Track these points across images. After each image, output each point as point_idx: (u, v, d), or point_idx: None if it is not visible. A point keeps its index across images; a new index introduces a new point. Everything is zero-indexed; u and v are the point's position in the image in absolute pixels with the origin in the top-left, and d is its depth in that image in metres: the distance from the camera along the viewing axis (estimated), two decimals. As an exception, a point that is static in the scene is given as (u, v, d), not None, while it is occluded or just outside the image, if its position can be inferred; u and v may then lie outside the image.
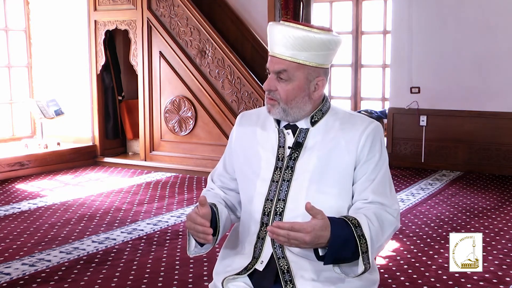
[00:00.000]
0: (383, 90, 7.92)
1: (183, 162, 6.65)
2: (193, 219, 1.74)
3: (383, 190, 1.79)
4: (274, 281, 1.80)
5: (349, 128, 1.81)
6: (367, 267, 1.65)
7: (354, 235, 1.63)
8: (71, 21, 7.24)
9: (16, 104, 7.56)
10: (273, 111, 1.82)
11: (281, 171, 1.82)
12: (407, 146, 6.81)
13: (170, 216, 4.82)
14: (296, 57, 1.75)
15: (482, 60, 6.37)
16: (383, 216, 1.74)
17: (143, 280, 3.40)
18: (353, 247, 1.64)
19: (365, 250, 1.64)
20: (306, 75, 1.78)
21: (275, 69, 1.78)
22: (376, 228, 1.69)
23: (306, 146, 1.82)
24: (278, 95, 1.79)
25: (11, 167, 6.35)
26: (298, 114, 1.81)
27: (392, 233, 1.79)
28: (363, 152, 1.78)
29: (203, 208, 1.75)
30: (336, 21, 8.18)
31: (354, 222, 1.66)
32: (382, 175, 1.80)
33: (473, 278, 3.36)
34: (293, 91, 1.78)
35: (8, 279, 3.43)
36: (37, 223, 4.61)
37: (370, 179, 1.78)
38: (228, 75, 6.39)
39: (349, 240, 1.63)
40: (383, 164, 1.81)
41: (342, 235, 1.62)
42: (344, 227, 1.64)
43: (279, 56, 1.77)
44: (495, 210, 4.90)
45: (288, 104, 1.79)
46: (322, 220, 1.60)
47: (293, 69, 1.76)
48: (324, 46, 1.76)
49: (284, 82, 1.78)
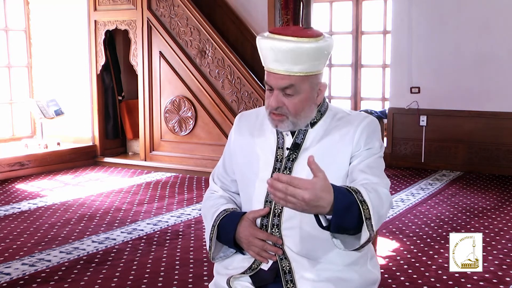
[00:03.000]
0: (383, 90, 7.91)
1: (183, 162, 6.65)
2: (258, 235, 1.77)
3: (378, 172, 1.76)
4: (274, 279, 1.79)
5: (344, 125, 1.81)
6: (372, 234, 1.58)
7: (356, 200, 1.56)
8: (71, 21, 7.24)
9: (16, 104, 7.56)
10: (281, 125, 1.78)
11: (279, 172, 1.81)
12: (407, 146, 6.81)
13: (170, 216, 4.82)
14: (293, 71, 1.70)
15: (482, 60, 6.37)
16: (379, 189, 1.69)
17: (143, 280, 3.40)
18: (357, 213, 1.56)
19: (368, 216, 1.57)
20: (310, 84, 1.75)
21: (280, 85, 1.73)
22: (375, 196, 1.63)
23: (304, 147, 1.81)
24: (287, 110, 1.75)
25: (11, 167, 6.35)
26: (305, 122, 1.80)
27: (389, 207, 1.73)
28: (359, 144, 1.77)
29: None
30: (336, 21, 8.17)
31: (354, 188, 1.60)
32: (375, 158, 1.77)
33: (473, 278, 3.36)
34: (301, 104, 1.75)
35: (8, 279, 3.43)
36: (37, 223, 4.61)
37: (363, 161, 1.75)
38: (228, 75, 6.39)
39: (352, 205, 1.55)
40: (377, 153, 1.79)
41: (345, 199, 1.54)
42: (347, 193, 1.57)
43: (284, 73, 1.71)
44: (495, 210, 4.90)
45: (297, 116, 1.76)
46: (324, 180, 1.49)
47: (299, 82, 1.72)
48: (320, 54, 1.73)
49: (291, 97, 1.74)
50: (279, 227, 1.79)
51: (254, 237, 1.77)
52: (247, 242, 1.79)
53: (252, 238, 1.77)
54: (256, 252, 1.78)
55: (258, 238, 1.77)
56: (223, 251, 1.90)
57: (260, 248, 1.77)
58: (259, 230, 1.78)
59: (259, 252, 1.77)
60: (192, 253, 3.87)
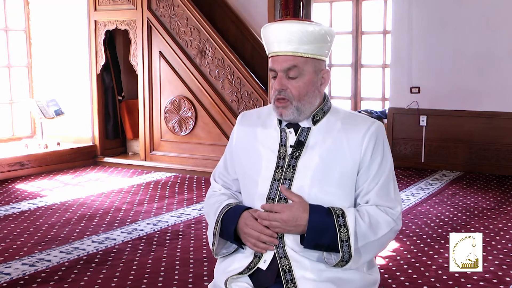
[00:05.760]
0: (383, 90, 7.91)
1: (183, 162, 6.65)
2: (254, 226, 1.78)
3: (387, 193, 1.80)
4: (274, 280, 1.80)
5: (351, 129, 1.81)
6: (346, 256, 1.68)
7: (335, 223, 1.68)
8: (71, 21, 7.24)
9: (16, 104, 7.56)
10: (286, 113, 1.80)
11: (283, 170, 1.81)
12: (407, 146, 6.81)
13: (170, 216, 4.82)
14: (299, 51, 1.75)
15: (482, 60, 6.37)
16: (380, 215, 1.75)
17: (143, 280, 3.40)
18: (334, 235, 1.68)
19: (346, 239, 1.67)
20: (314, 68, 1.79)
21: (283, 67, 1.77)
22: (366, 223, 1.71)
23: (308, 144, 1.82)
24: (290, 93, 1.78)
25: (11, 167, 6.35)
26: (308, 110, 1.82)
27: (390, 234, 1.79)
28: (366, 155, 1.78)
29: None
30: (336, 21, 8.17)
31: (338, 212, 1.70)
32: (385, 177, 1.80)
33: (473, 278, 3.36)
34: (305, 87, 1.78)
35: (8, 279, 3.43)
36: (37, 223, 4.61)
37: (374, 182, 1.79)
38: (228, 75, 6.39)
39: (329, 227, 1.69)
40: (386, 165, 1.81)
41: (320, 220, 1.69)
42: (325, 214, 1.70)
43: (283, 54, 1.76)
44: (495, 210, 4.90)
45: (301, 100, 1.79)
46: (300, 203, 1.72)
47: (302, 64, 1.76)
48: (324, 38, 1.78)
49: (294, 79, 1.78)
50: (280, 227, 1.80)
51: (250, 229, 1.79)
52: (243, 233, 1.80)
53: (248, 229, 1.79)
54: (252, 243, 1.79)
55: (254, 230, 1.78)
56: (225, 247, 1.91)
57: (256, 239, 1.78)
58: (256, 222, 1.78)
59: (255, 243, 1.78)
60: (192, 253, 3.87)
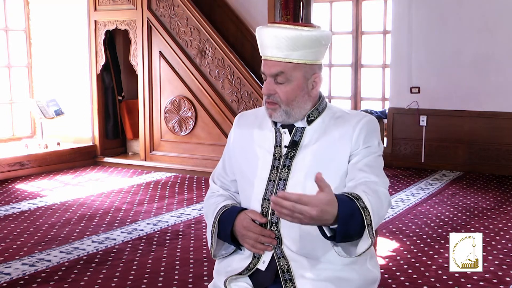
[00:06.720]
0: (383, 90, 7.91)
1: (183, 162, 6.65)
2: (252, 228, 1.77)
3: (376, 170, 1.77)
4: (273, 280, 1.80)
5: (343, 123, 1.81)
6: (373, 240, 1.61)
7: (358, 207, 1.58)
8: (71, 21, 7.24)
9: (16, 104, 7.56)
10: (275, 115, 1.81)
11: (278, 170, 1.82)
12: (407, 146, 6.81)
13: (170, 216, 4.82)
14: (291, 58, 1.74)
15: (482, 60, 6.37)
16: (379, 189, 1.71)
17: (143, 280, 3.40)
18: (359, 219, 1.58)
19: (370, 223, 1.59)
20: (303, 73, 1.77)
21: (271, 72, 1.77)
22: (375, 198, 1.65)
23: (302, 144, 1.82)
24: (278, 98, 1.78)
25: (11, 167, 6.35)
26: (299, 114, 1.81)
27: (388, 207, 1.75)
28: (357, 143, 1.77)
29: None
30: (336, 21, 8.17)
31: (354, 195, 1.62)
32: (374, 157, 1.78)
33: (473, 278, 3.36)
34: (293, 92, 1.78)
35: (8, 279, 3.43)
36: (37, 223, 4.61)
37: (362, 159, 1.76)
38: (228, 75, 6.39)
39: (355, 212, 1.58)
40: (376, 152, 1.80)
41: (348, 209, 1.56)
42: (348, 201, 1.59)
43: (274, 59, 1.76)
44: (495, 210, 4.90)
45: (289, 105, 1.79)
46: (329, 194, 1.52)
47: (290, 70, 1.76)
48: (317, 43, 1.76)
49: (282, 85, 1.77)
50: (278, 226, 1.79)
51: (248, 230, 1.78)
52: (241, 235, 1.80)
53: (246, 231, 1.78)
54: (251, 244, 1.78)
55: (252, 231, 1.78)
56: (224, 248, 1.90)
57: (255, 240, 1.77)
58: (254, 224, 1.78)
59: (253, 245, 1.78)
60: (192, 253, 3.87)
